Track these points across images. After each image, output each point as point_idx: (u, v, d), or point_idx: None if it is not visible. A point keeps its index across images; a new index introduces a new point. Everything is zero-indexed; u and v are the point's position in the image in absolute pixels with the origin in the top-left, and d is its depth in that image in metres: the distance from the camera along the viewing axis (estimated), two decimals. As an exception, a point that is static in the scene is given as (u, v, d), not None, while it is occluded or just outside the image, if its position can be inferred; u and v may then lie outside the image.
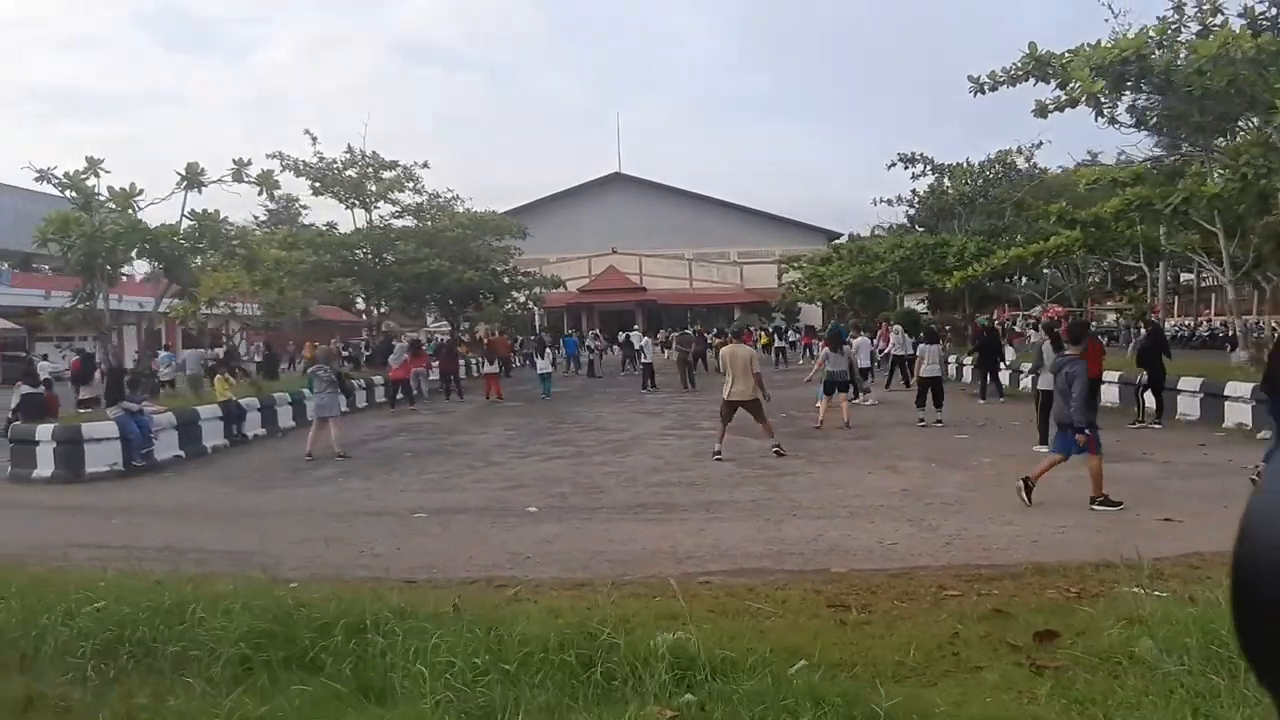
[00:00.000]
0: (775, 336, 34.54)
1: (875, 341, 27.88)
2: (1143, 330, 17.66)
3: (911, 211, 43.17)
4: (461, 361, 24.79)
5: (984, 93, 14.59)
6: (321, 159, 22.16)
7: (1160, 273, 39.77)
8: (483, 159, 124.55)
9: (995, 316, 38.96)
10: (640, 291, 49.64)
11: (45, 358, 25.93)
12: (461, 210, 26.34)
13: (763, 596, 5.99)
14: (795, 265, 40.45)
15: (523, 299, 32.75)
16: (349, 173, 22.72)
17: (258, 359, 30.14)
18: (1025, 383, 18.13)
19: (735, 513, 8.94)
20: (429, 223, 25.22)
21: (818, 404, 14.81)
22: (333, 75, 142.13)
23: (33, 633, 4.92)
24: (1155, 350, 14.66)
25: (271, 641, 4.76)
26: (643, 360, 23.25)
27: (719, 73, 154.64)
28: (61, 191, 12.55)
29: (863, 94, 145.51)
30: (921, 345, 16.04)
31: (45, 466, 11.82)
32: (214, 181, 13.91)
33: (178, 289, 15.74)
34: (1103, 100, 13.49)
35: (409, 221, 25.38)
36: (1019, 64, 13.98)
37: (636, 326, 37.80)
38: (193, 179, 13.60)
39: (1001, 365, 19.46)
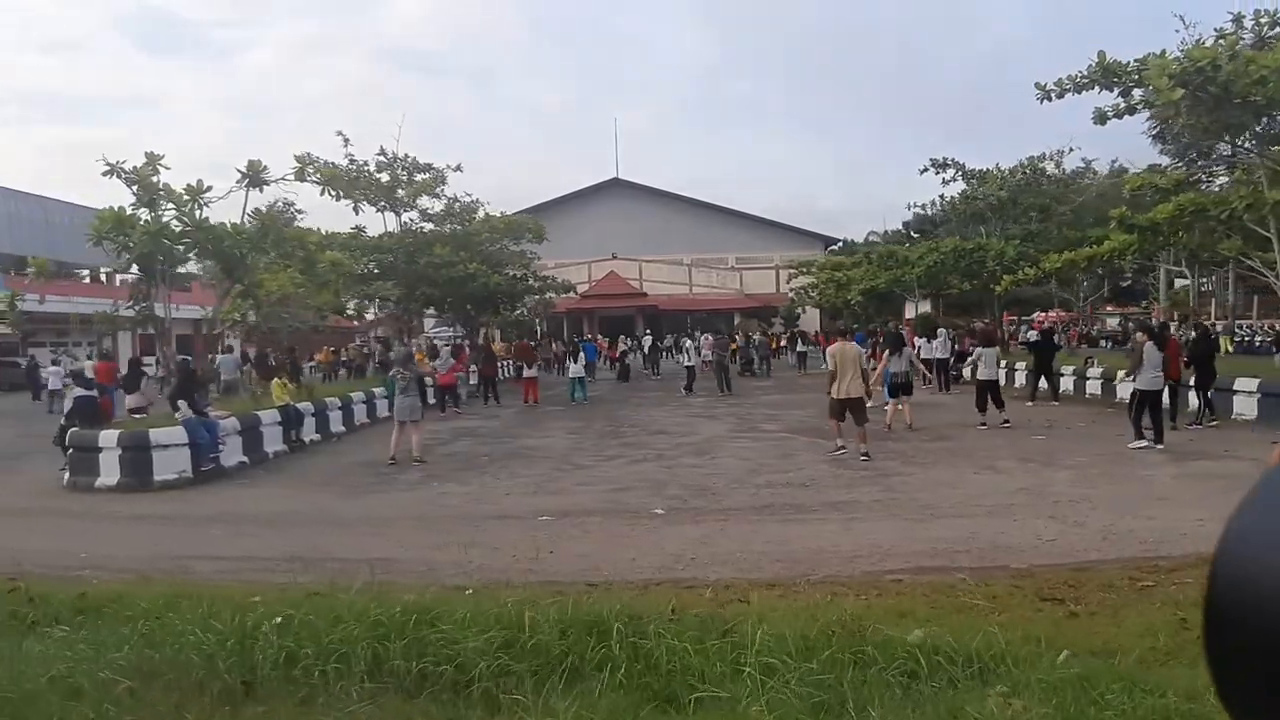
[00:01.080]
0: (799, 340, 34.29)
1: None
2: (1192, 333, 17.75)
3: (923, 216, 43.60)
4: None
5: (1050, 100, 14.67)
6: (352, 161, 21.61)
7: (1160, 277, 40.38)
8: (468, 164, 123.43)
9: (1002, 320, 39.09)
10: (641, 297, 49.38)
11: (56, 363, 25.10)
12: (482, 214, 25.84)
13: (973, 593, 5.84)
14: (805, 270, 40.44)
15: (533, 303, 32.35)
16: (382, 175, 22.10)
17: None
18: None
19: (868, 513, 8.77)
20: (458, 226, 24.71)
21: (885, 406, 14.65)
22: (316, 80, 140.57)
23: (257, 656, 4.49)
24: (1205, 352, 14.67)
25: (519, 652, 4.41)
26: (685, 364, 22.94)
27: (703, 79, 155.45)
28: (129, 186, 11.98)
29: (845, 101, 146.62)
30: (979, 349, 15.99)
31: (109, 474, 11.25)
32: (278, 180, 13.47)
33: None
34: (1180, 108, 13.60)
35: (431, 224, 24.79)
36: (1087, 72, 14.07)
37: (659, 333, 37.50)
38: (255, 177, 13.10)
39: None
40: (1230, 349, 27.83)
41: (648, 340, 31.95)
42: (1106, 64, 13.84)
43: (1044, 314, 39.91)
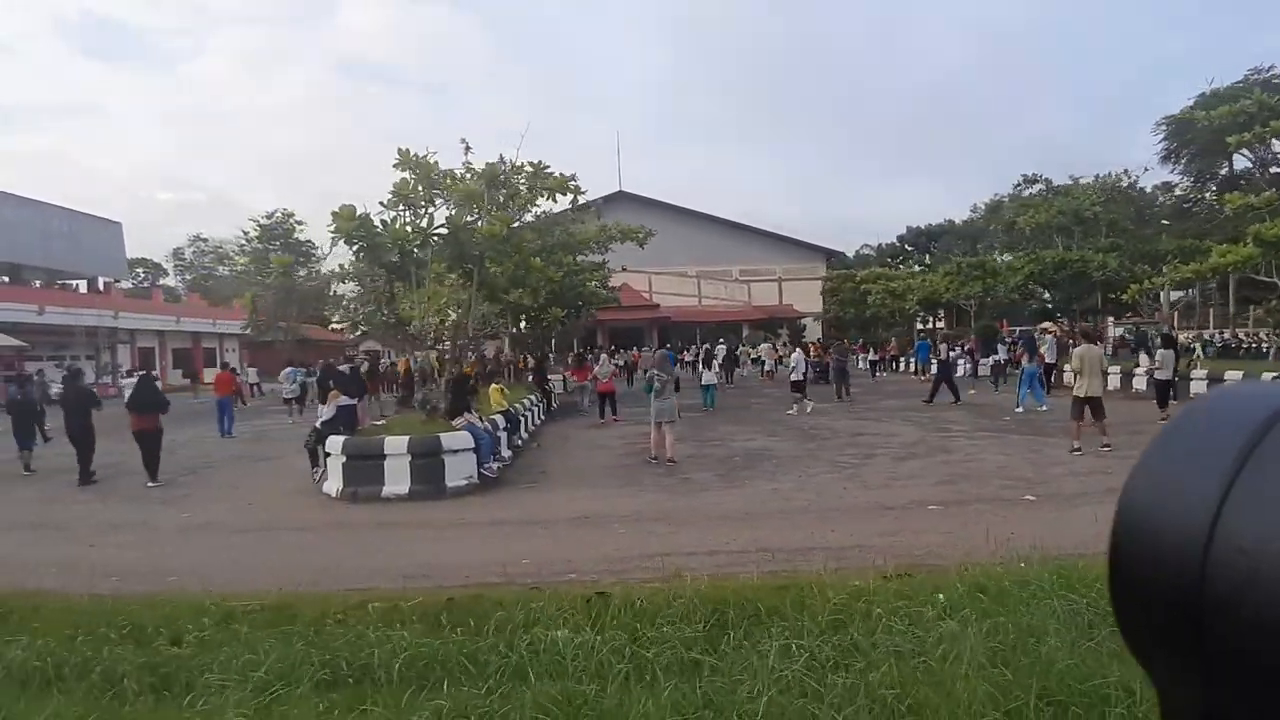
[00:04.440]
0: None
1: (963, 350, 28.78)
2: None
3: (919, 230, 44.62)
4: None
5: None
6: (469, 167, 20.86)
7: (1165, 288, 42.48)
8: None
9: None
10: (653, 309, 49.38)
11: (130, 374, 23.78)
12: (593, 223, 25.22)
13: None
14: (859, 279, 40.85)
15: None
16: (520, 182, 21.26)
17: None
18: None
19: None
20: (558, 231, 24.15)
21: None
22: (270, 90, 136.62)
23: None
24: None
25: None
26: (793, 376, 22.46)
27: (662, 95, 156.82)
28: (412, 175, 11.42)
29: (797, 118, 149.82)
30: (1161, 351, 16.68)
31: (398, 483, 10.77)
32: (518, 182, 13.06)
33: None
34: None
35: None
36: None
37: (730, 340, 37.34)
38: (493, 179, 12.71)
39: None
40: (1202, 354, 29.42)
41: (721, 349, 31.57)
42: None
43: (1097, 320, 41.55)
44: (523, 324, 24.02)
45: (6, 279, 40.17)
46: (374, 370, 21.07)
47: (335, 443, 11.18)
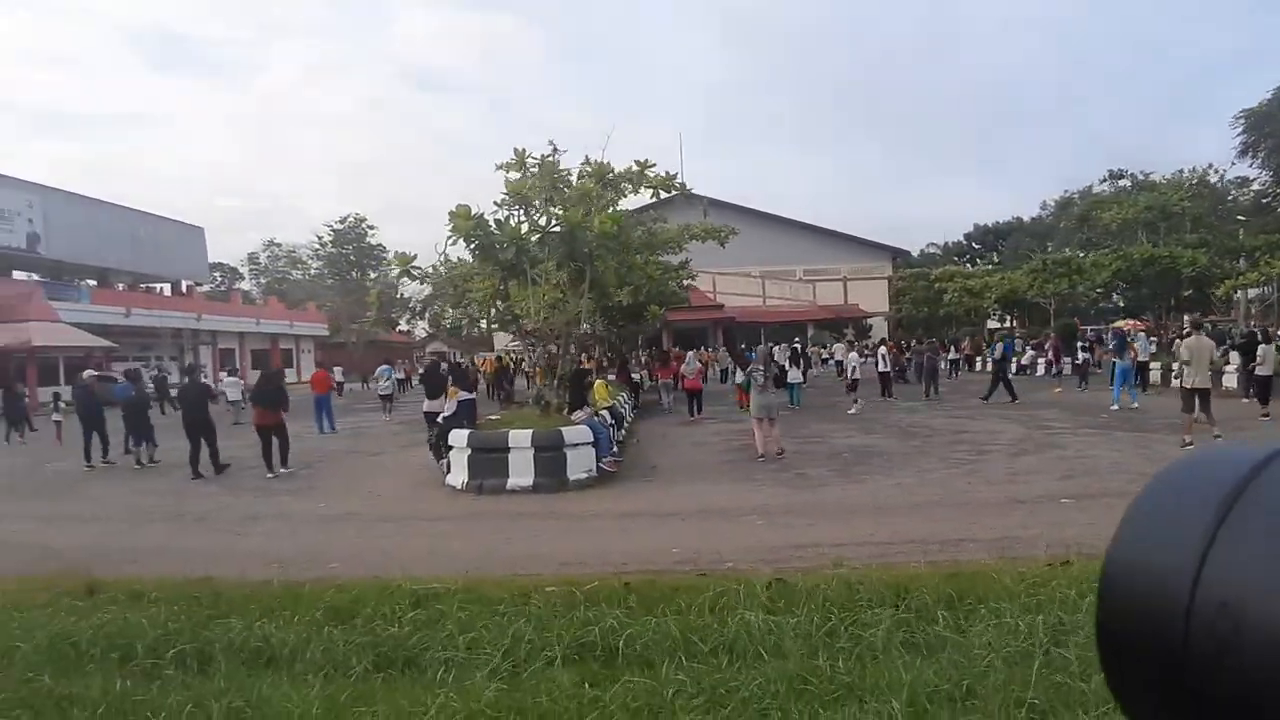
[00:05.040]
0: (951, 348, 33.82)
1: (1047, 351, 28.29)
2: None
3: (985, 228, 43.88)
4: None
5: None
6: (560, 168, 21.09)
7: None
8: (489, 183, 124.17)
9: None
10: (718, 309, 49.30)
11: (233, 373, 24.65)
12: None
13: None
14: (933, 278, 40.42)
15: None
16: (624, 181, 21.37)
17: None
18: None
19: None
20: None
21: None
22: (331, 98, 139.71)
23: None
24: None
25: None
26: (853, 376, 22.40)
27: (717, 96, 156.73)
28: (529, 174, 11.70)
29: (858, 119, 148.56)
30: (1262, 347, 16.32)
31: (522, 475, 10.98)
32: (627, 181, 13.25)
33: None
34: None
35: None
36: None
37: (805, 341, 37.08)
38: (602, 178, 12.92)
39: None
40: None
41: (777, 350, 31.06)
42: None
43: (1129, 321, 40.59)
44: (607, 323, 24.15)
45: (95, 282, 41.73)
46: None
47: (460, 436, 11.44)
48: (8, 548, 9.04)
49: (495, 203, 12.17)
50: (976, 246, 66.73)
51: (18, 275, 38.18)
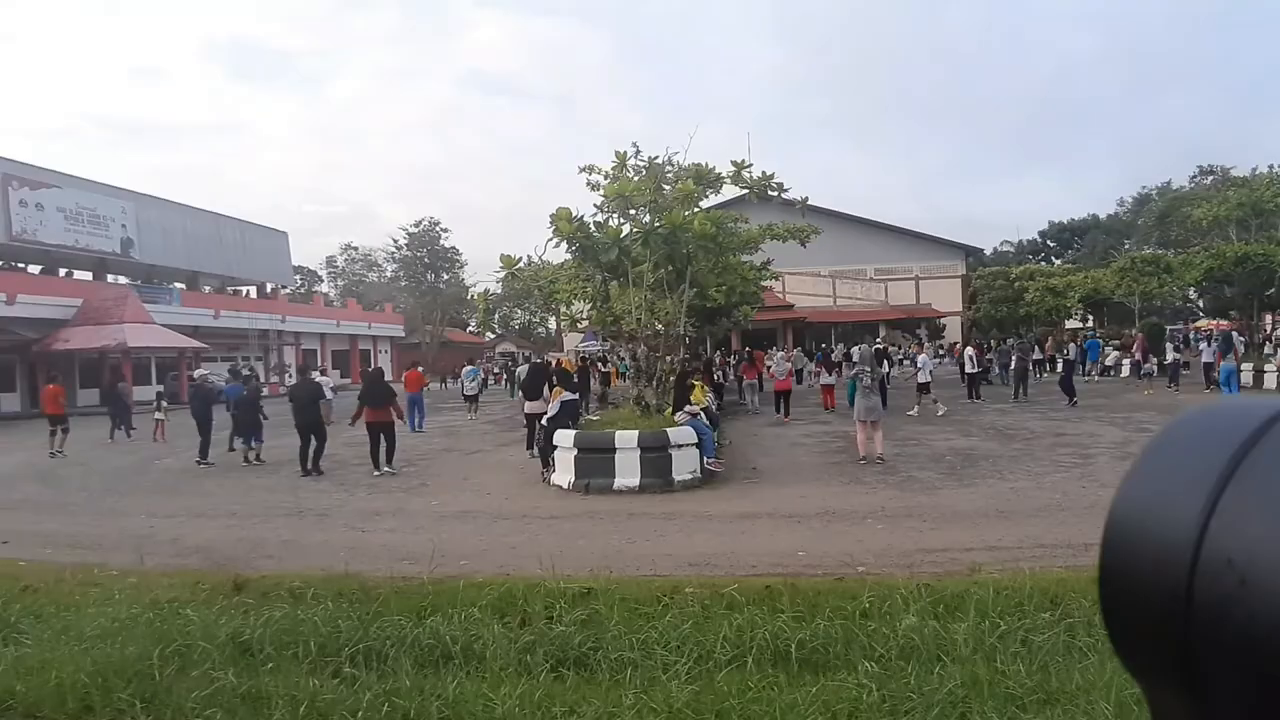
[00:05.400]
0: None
1: (1134, 352, 27.49)
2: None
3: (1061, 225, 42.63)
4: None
5: None
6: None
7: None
8: (556, 184, 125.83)
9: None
10: (788, 309, 48.92)
11: (324, 373, 25.37)
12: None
13: None
14: (1013, 276, 39.49)
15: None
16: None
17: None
18: None
19: None
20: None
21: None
22: (401, 105, 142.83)
23: None
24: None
25: None
26: (921, 379, 21.44)
27: (776, 95, 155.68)
28: (633, 175, 11.92)
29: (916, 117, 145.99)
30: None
31: (629, 475, 11.10)
32: (723, 181, 13.33)
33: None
34: None
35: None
36: None
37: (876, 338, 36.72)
38: (702, 178, 13.01)
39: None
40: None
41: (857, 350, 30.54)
42: None
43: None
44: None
45: (184, 285, 43.32)
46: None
47: (566, 436, 11.61)
48: (143, 541, 9.36)
49: (595, 205, 12.29)
50: (1051, 244, 65.03)
51: (112, 279, 39.83)
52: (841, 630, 4.91)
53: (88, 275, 39.08)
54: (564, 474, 11.57)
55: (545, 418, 12.12)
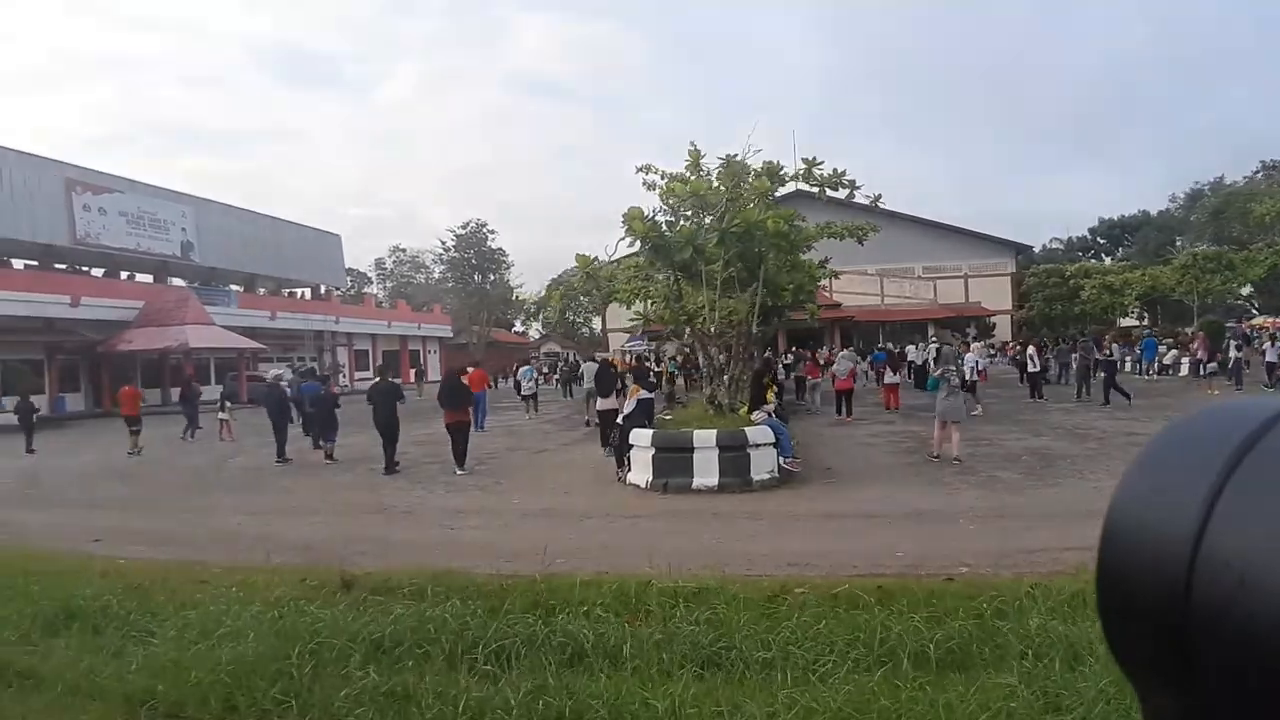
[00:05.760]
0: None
1: (1195, 350, 26.98)
2: None
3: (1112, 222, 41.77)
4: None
5: None
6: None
7: None
8: (600, 185, 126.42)
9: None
10: (835, 308, 48.56)
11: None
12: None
13: None
14: (1068, 274, 38.91)
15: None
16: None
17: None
18: None
19: None
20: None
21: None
22: (448, 109, 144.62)
23: None
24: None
25: None
26: (970, 376, 21.16)
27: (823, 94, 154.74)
28: (712, 174, 12.02)
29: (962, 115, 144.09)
30: None
31: (707, 475, 11.15)
32: (791, 178, 13.38)
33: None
34: None
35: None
36: None
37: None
38: (775, 176, 13.05)
39: None
40: None
41: (926, 351, 30.47)
42: None
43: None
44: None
45: (240, 287, 44.22)
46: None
47: (643, 435, 11.68)
48: (238, 539, 9.58)
49: (669, 204, 12.34)
50: (1102, 241, 63.77)
51: (172, 281, 40.79)
52: (975, 629, 4.91)
53: (149, 278, 40.02)
54: (641, 473, 11.64)
55: (621, 416, 12.21)
